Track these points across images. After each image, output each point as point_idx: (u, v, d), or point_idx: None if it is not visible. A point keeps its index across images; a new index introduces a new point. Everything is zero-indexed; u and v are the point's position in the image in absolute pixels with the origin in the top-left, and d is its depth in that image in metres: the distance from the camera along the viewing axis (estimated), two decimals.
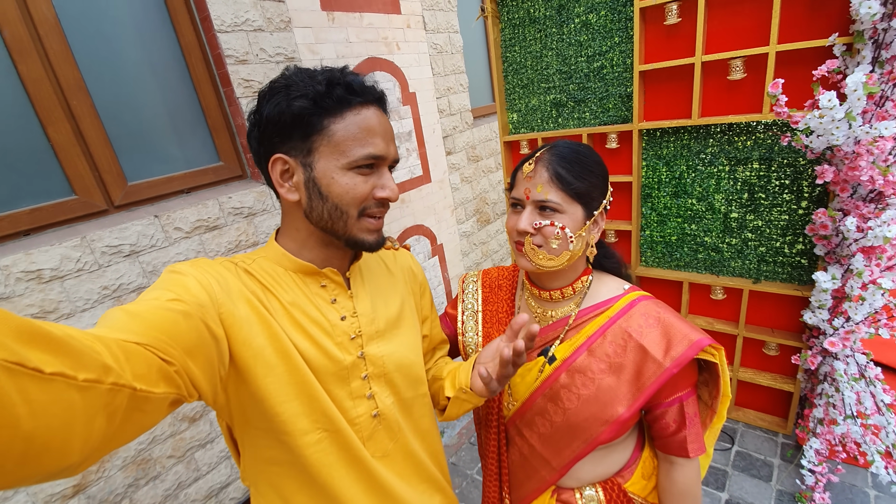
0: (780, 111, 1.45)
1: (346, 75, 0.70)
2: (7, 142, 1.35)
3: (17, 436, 0.31)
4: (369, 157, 0.69)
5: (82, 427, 0.36)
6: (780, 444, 2.07)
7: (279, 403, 0.67)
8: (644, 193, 2.10)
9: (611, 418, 0.82)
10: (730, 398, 0.87)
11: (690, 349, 0.78)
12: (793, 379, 2.00)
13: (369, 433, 0.78)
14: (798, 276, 1.85)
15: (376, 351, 0.79)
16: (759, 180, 1.82)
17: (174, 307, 0.55)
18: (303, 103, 0.66)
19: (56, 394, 0.34)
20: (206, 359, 0.56)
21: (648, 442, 0.97)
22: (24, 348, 0.32)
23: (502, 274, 1.08)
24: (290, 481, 0.74)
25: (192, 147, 1.79)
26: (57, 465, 0.35)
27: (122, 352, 0.43)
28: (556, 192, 0.81)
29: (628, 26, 1.88)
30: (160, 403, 0.47)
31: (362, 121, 0.69)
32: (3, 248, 1.34)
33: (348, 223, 0.71)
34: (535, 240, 0.82)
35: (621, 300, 0.88)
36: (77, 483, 1.42)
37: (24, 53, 1.34)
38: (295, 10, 1.99)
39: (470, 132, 3.26)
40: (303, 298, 0.73)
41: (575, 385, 0.85)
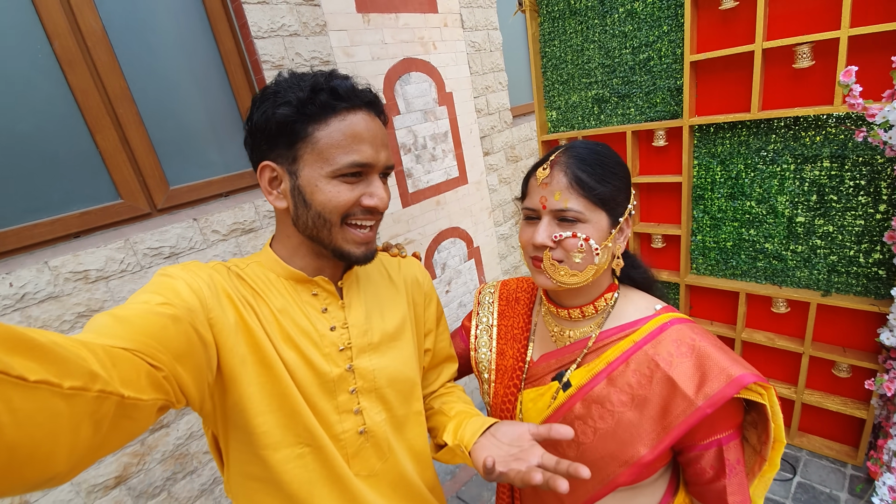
0: (853, 103, 1.28)
1: (331, 80, 0.67)
2: (59, 149, 1.43)
3: (1, 445, 0.30)
4: (354, 164, 0.66)
5: (68, 436, 0.36)
6: (848, 476, 1.85)
7: (259, 414, 0.66)
8: (696, 195, 1.94)
9: (631, 459, 0.72)
10: (784, 444, 0.73)
11: (728, 387, 0.66)
12: (866, 404, 1.77)
13: (355, 450, 0.75)
14: (875, 290, 1.64)
15: (367, 364, 0.76)
16: (829, 180, 1.62)
17: (163, 311, 0.54)
18: (286, 110, 0.65)
19: (41, 402, 0.33)
20: (195, 364, 0.56)
21: (683, 486, 0.85)
22: (7, 355, 0.31)
23: (521, 286, 0.99)
24: (268, 499, 0.72)
25: (230, 152, 1.84)
26: (42, 475, 0.35)
27: (110, 358, 0.42)
28: (576, 198, 0.72)
29: (678, 13, 1.74)
30: (148, 410, 0.46)
31: (347, 127, 0.66)
32: (54, 249, 1.42)
33: (332, 232, 0.69)
34: (554, 254, 0.74)
35: (650, 322, 0.77)
36: (119, 475, 1.49)
37: (74, 64, 1.41)
38: (330, 14, 2.00)
39: (509, 132, 3.17)
40: (293, 306, 0.72)
41: (591, 417, 0.76)
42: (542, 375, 0.85)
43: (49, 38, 1.35)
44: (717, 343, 0.73)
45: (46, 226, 1.40)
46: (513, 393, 0.88)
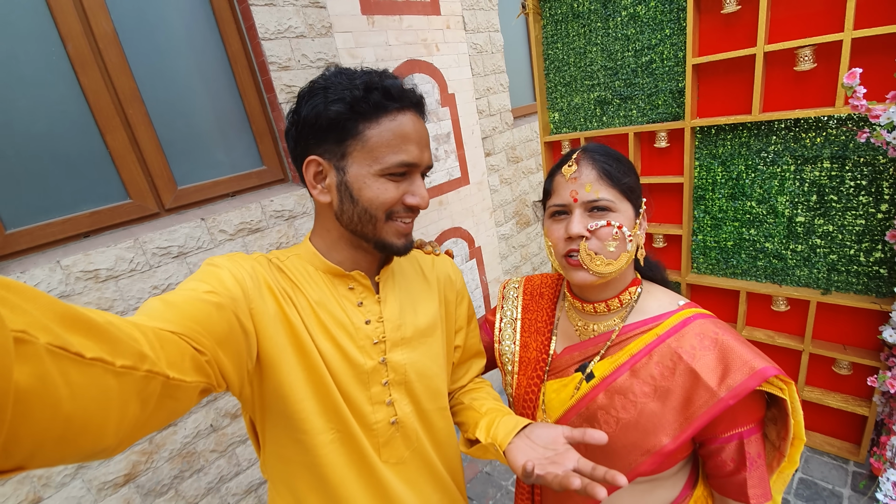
0: (857, 104, 1.30)
1: (384, 79, 0.69)
2: (70, 149, 1.44)
3: (58, 416, 0.32)
4: (402, 164, 0.68)
5: (117, 411, 0.38)
6: (851, 472, 1.87)
7: (298, 401, 0.68)
8: (697, 195, 1.96)
9: (652, 448, 0.74)
10: (804, 441, 0.74)
11: (751, 379, 0.68)
12: (868, 401, 1.80)
13: (386, 439, 0.77)
14: (876, 288, 1.66)
15: (399, 358, 0.78)
16: (830, 181, 1.65)
17: (209, 298, 0.56)
18: (339, 108, 0.66)
19: (95, 378, 0.35)
20: (236, 350, 0.58)
21: (703, 479, 0.87)
22: (67, 333, 0.33)
23: (545, 282, 1.02)
24: (302, 481, 0.74)
25: (237, 152, 1.85)
26: (92, 447, 0.37)
27: (158, 340, 0.44)
28: (607, 189, 0.75)
29: (681, 17, 1.76)
30: (191, 392, 0.48)
31: (397, 127, 0.68)
32: (66, 248, 1.43)
33: (377, 226, 0.71)
34: (590, 245, 0.75)
35: (673, 317, 0.78)
36: (127, 472, 1.50)
37: (86, 66, 1.43)
38: (336, 16, 2.02)
39: (510, 133, 3.20)
40: (330, 299, 0.74)
41: (614, 407, 0.77)
42: (566, 367, 0.87)
43: (63, 41, 1.37)
44: (740, 337, 0.74)
45: (58, 225, 1.41)
46: (536, 384, 0.90)
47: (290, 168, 1.97)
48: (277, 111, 1.86)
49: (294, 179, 1.99)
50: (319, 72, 1.97)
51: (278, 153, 1.96)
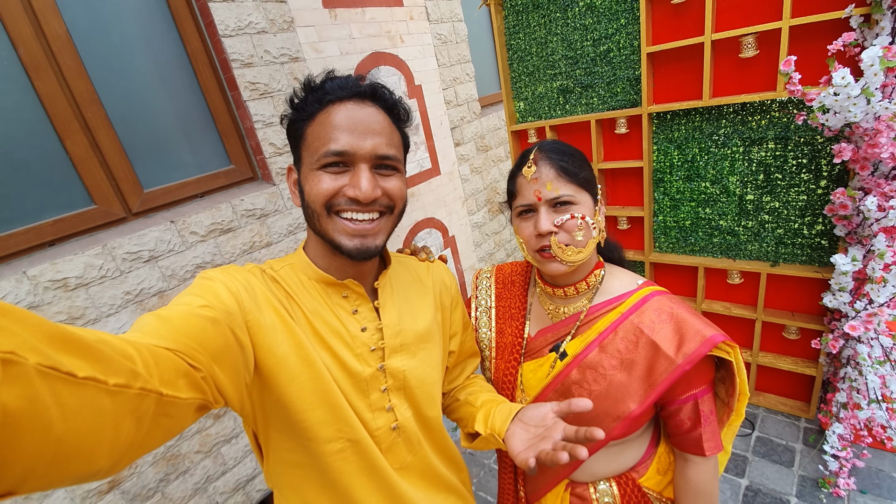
0: (793, 89, 1.40)
1: (326, 79, 0.70)
2: (28, 156, 1.41)
3: (49, 438, 0.31)
4: (329, 153, 0.66)
5: (111, 431, 0.37)
6: (802, 428, 2.03)
7: (303, 411, 0.68)
8: (656, 178, 2.06)
9: (622, 414, 0.82)
10: (748, 396, 0.85)
11: (703, 346, 0.77)
12: (815, 363, 1.95)
13: (388, 445, 0.78)
14: (818, 258, 1.80)
15: (398, 364, 0.78)
16: (775, 160, 1.76)
17: (203, 313, 0.56)
18: (292, 115, 0.70)
19: (87, 398, 0.34)
20: (233, 365, 0.57)
21: (664, 437, 0.97)
22: (57, 353, 0.32)
23: (515, 270, 1.08)
24: (311, 485, 0.74)
25: (203, 152, 1.83)
26: (86, 469, 0.36)
27: (152, 357, 0.44)
28: (566, 185, 0.81)
29: (634, 7, 1.83)
30: (186, 409, 0.47)
31: (327, 118, 0.67)
32: (31, 258, 1.40)
33: (321, 222, 0.69)
34: (560, 238, 0.81)
35: (634, 295, 0.87)
36: (111, 479, 1.50)
37: (40, 70, 1.39)
38: (297, 10, 2.00)
39: (478, 122, 3.24)
40: (324, 308, 0.73)
41: (586, 381, 0.85)
42: (540, 348, 0.94)
43: (14, 45, 1.32)
44: (692, 310, 0.84)
45: (21, 235, 1.38)
46: (513, 366, 0.96)
47: (260, 166, 1.96)
48: (242, 109, 1.85)
49: (264, 178, 1.98)
50: (283, 67, 1.96)
51: (246, 151, 1.94)
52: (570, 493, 0.94)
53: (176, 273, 1.65)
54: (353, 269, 0.77)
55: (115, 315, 1.52)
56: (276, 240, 1.94)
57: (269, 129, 1.90)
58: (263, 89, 1.87)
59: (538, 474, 0.96)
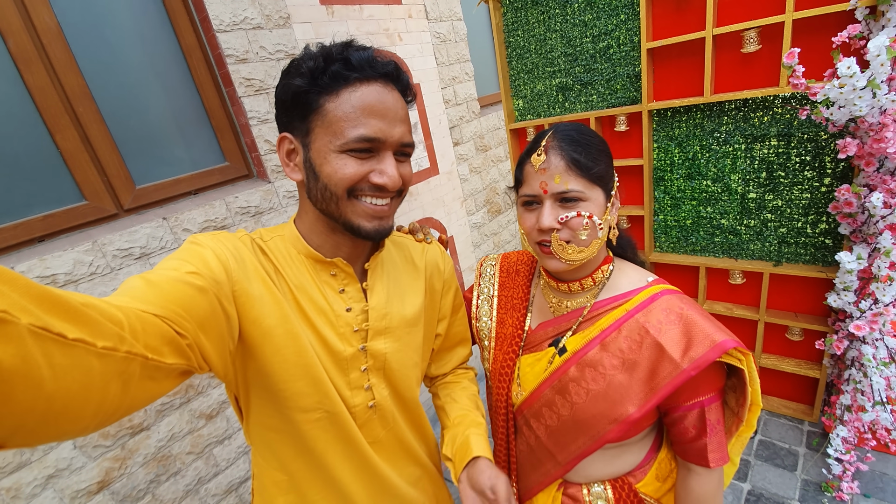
0: (796, 83, 1.37)
1: (346, 49, 0.66)
2: (17, 150, 1.38)
3: (41, 396, 0.33)
4: (361, 139, 0.64)
5: (98, 391, 0.38)
6: (805, 432, 2.00)
7: (284, 381, 0.68)
8: (656, 176, 2.03)
9: (619, 417, 0.78)
10: (760, 407, 0.79)
11: (712, 351, 0.71)
12: (818, 365, 1.92)
13: (363, 420, 0.79)
14: (822, 258, 1.76)
15: (381, 346, 0.78)
16: (777, 158, 1.73)
17: (191, 280, 0.56)
18: (300, 81, 0.64)
19: (77, 358, 0.36)
20: (218, 333, 0.57)
21: (667, 443, 0.93)
22: (47, 315, 0.33)
23: (521, 259, 1.04)
24: (287, 448, 0.76)
25: (197, 148, 1.81)
26: (74, 426, 0.37)
27: (139, 322, 0.45)
28: (576, 179, 0.76)
29: (634, 3, 1.81)
30: (171, 373, 0.48)
31: (357, 99, 0.64)
32: (19, 254, 1.38)
33: (339, 205, 0.67)
34: (561, 235, 0.77)
35: (642, 293, 0.82)
36: (101, 479, 1.47)
37: (29, 63, 1.36)
38: (294, 6, 1.98)
39: (477, 121, 3.22)
40: (311, 284, 0.73)
41: (584, 379, 0.81)
42: (540, 342, 0.90)
43: (3, 36, 1.30)
44: (703, 312, 0.78)
45: (9, 230, 1.36)
46: (511, 359, 0.93)
47: (255, 163, 1.94)
48: (237, 105, 1.82)
49: (259, 175, 1.96)
50: (279, 64, 1.94)
51: (241, 148, 1.92)
52: (563, 493, 0.91)
53: None
54: (347, 249, 0.76)
55: None
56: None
57: (264, 125, 1.87)
58: (259, 85, 1.85)
59: (530, 472, 0.93)
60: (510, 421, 0.94)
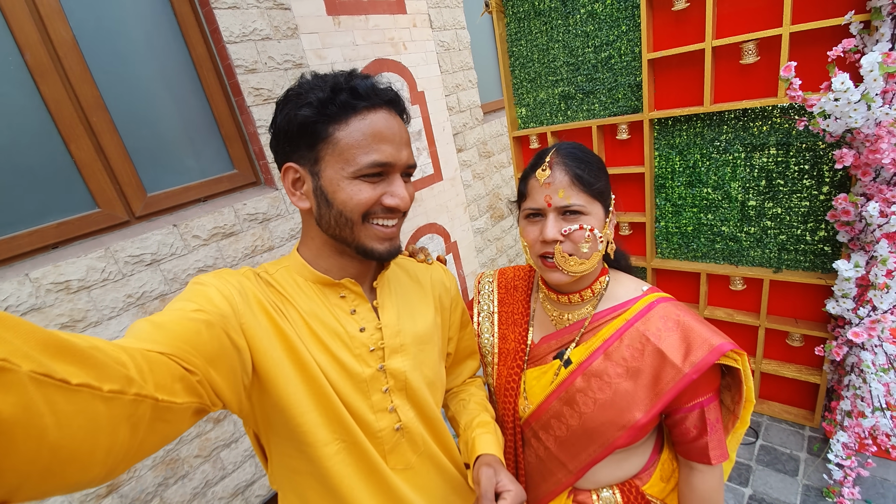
0: (793, 95, 1.40)
1: (352, 79, 0.68)
2: (33, 160, 1.42)
3: (44, 446, 0.31)
4: (374, 164, 0.66)
5: (107, 437, 0.37)
6: (806, 437, 2.01)
7: (300, 414, 0.67)
8: (657, 184, 2.06)
9: (628, 423, 0.80)
10: (753, 403, 0.83)
11: (711, 354, 0.75)
12: (819, 370, 1.94)
13: (392, 446, 0.77)
14: (821, 265, 1.79)
15: (399, 365, 0.77)
16: (776, 166, 1.76)
17: (197, 317, 0.55)
18: (307, 112, 0.65)
19: (82, 404, 0.34)
20: (229, 368, 0.57)
21: (668, 444, 0.95)
22: (50, 360, 0.32)
23: (518, 274, 1.06)
24: (312, 491, 0.74)
25: (206, 157, 1.85)
26: (81, 477, 0.36)
27: (146, 362, 0.44)
28: (578, 194, 0.79)
29: (635, 14, 1.84)
30: (183, 413, 0.47)
31: (367, 127, 0.66)
32: (33, 261, 1.41)
33: (354, 230, 0.69)
34: (564, 247, 0.80)
35: (639, 302, 0.85)
36: (110, 483, 1.50)
37: (46, 75, 1.40)
38: (301, 17, 2.02)
39: (480, 128, 3.25)
40: (322, 309, 0.73)
41: (591, 389, 0.84)
42: (544, 355, 0.92)
43: (20, 50, 1.34)
44: (698, 318, 0.82)
45: (24, 238, 1.39)
46: (516, 373, 0.95)
47: (263, 171, 1.98)
48: (246, 114, 1.86)
49: (267, 182, 1.99)
50: (287, 74, 1.98)
51: (249, 156, 1.96)
52: (573, 500, 0.92)
53: (178, 276, 1.66)
54: (354, 270, 0.77)
55: (117, 318, 1.52)
56: (278, 244, 1.95)
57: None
58: (267, 95, 1.89)
59: (540, 483, 0.95)
60: (517, 434, 0.96)
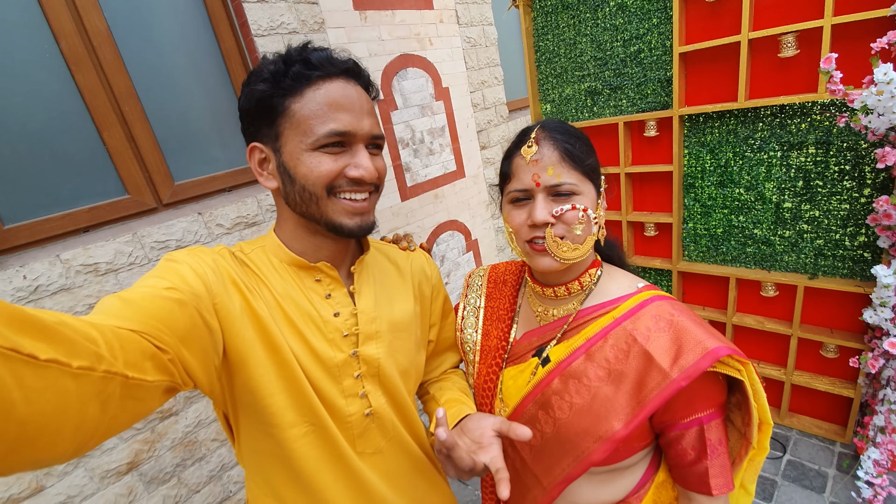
0: (833, 89, 1.33)
1: (304, 51, 0.66)
2: (67, 146, 1.48)
3: (12, 420, 0.31)
4: (332, 133, 0.64)
5: (75, 413, 0.37)
6: (836, 453, 1.91)
7: (268, 395, 0.67)
8: (686, 183, 1.99)
9: (605, 434, 0.70)
10: (771, 425, 0.70)
11: (703, 359, 0.64)
12: (853, 384, 1.83)
13: (361, 430, 0.76)
14: (860, 271, 1.69)
15: (372, 351, 0.76)
16: (815, 166, 1.67)
17: (169, 295, 0.55)
18: (262, 87, 0.64)
19: (50, 380, 0.34)
20: (201, 347, 0.56)
21: (665, 467, 0.83)
22: (17, 335, 0.32)
23: (510, 269, 1.00)
24: (277, 473, 0.74)
25: (232, 147, 1.89)
26: (50, 452, 0.36)
27: (117, 339, 0.43)
28: (569, 171, 0.71)
29: (667, 6, 1.78)
30: (153, 391, 0.47)
31: (322, 96, 0.64)
32: (65, 243, 1.47)
33: (320, 205, 0.67)
34: (556, 230, 0.72)
35: (631, 299, 0.76)
36: (131, 461, 1.54)
37: (81, 64, 1.45)
38: (328, 11, 2.04)
39: (505, 126, 3.22)
40: (296, 291, 0.72)
41: (568, 392, 0.74)
42: (524, 353, 0.85)
43: (56, 38, 1.39)
44: (696, 318, 0.72)
45: (57, 220, 1.45)
46: (495, 372, 0.88)
47: None
48: None
49: None
50: None
51: None
52: None
53: None
54: (330, 252, 0.75)
55: None
56: None
57: None
58: None
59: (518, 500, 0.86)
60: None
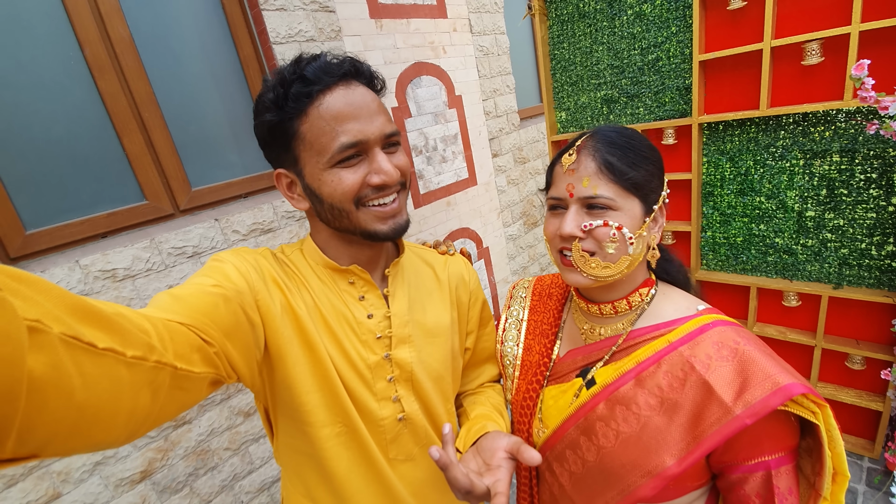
0: (865, 95, 1.30)
1: (298, 67, 0.65)
2: (88, 152, 1.48)
3: (72, 405, 0.33)
4: (343, 147, 0.63)
5: (129, 401, 0.38)
6: (865, 469, 1.85)
7: (304, 393, 0.68)
8: (705, 192, 1.97)
9: (654, 470, 0.63)
10: (847, 477, 0.60)
11: (773, 396, 0.57)
12: (882, 397, 1.78)
13: (394, 435, 0.76)
14: (888, 282, 1.65)
15: (405, 355, 0.76)
16: (840, 174, 1.64)
17: (215, 291, 0.57)
18: (269, 116, 0.65)
19: (107, 368, 0.36)
20: (244, 342, 0.58)
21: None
22: (79, 324, 0.34)
23: (556, 282, 0.96)
24: (312, 473, 0.75)
25: (249, 154, 1.88)
26: (105, 437, 0.37)
27: (167, 331, 0.45)
28: (607, 184, 0.67)
29: (687, 14, 1.77)
30: (200, 383, 0.49)
31: (325, 111, 0.63)
32: (84, 248, 1.46)
33: (351, 218, 0.68)
34: (584, 245, 0.68)
35: (689, 323, 0.69)
36: (144, 469, 1.52)
37: (103, 70, 1.46)
38: (345, 20, 2.05)
39: (517, 134, 3.21)
40: (332, 293, 0.73)
41: (615, 419, 0.68)
42: (567, 372, 0.80)
43: (81, 46, 1.40)
44: (766, 349, 0.64)
45: (77, 226, 1.44)
46: (535, 390, 0.84)
47: None
48: None
49: None
50: None
51: None
52: None
53: None
54: (364, 257, 0.76)
55: None
56: None
57: None
58: None
59: None
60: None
